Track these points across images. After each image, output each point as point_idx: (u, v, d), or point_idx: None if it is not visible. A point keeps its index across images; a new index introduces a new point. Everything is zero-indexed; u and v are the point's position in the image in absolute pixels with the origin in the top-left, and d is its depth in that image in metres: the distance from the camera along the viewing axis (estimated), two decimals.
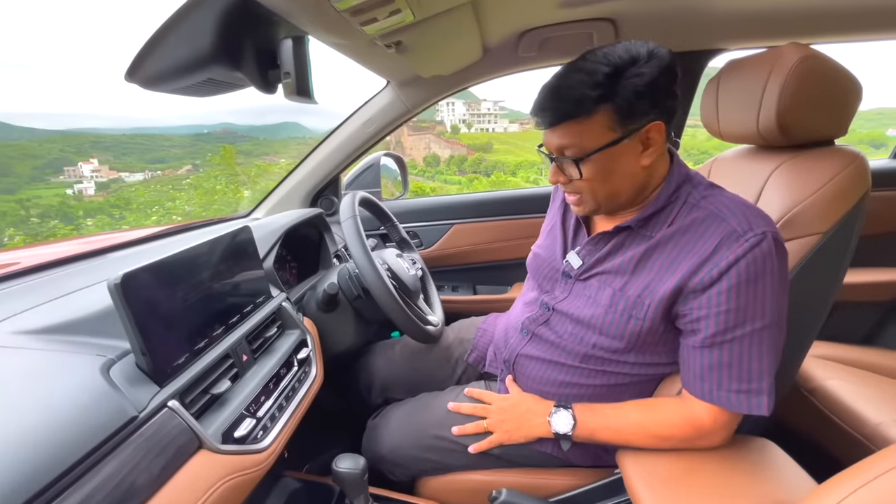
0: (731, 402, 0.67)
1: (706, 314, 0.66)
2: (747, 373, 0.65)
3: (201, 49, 0.55)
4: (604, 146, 0.65)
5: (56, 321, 0.61)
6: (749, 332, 0.65)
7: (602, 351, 0.76)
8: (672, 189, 0.72)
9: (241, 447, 0.62)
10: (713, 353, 0.67)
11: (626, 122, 0.64)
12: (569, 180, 0.71)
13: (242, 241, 0.79)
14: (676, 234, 0.70)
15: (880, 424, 0.95)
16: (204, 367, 0.64)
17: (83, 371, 0.53)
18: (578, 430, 0.76)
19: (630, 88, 0.62)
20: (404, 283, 1.03)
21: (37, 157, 18.34)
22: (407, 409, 0.95)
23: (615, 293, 0.74)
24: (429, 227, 1.58)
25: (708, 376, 0.68)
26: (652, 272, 0.71)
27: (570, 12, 1.12)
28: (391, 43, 0.85)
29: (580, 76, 0.64)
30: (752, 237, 0.63)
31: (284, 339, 0.86)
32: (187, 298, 0.64)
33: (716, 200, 0.69)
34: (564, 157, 0.68)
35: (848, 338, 1.36)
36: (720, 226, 0.66)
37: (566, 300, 0.81)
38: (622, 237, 0.75)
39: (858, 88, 0.81)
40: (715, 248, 0.65)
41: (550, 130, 0.68)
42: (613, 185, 0.70)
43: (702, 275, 0.65)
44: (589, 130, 0.65)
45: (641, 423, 0.73)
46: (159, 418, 0.53)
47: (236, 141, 23.72)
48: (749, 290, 0.64)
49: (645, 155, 0.68)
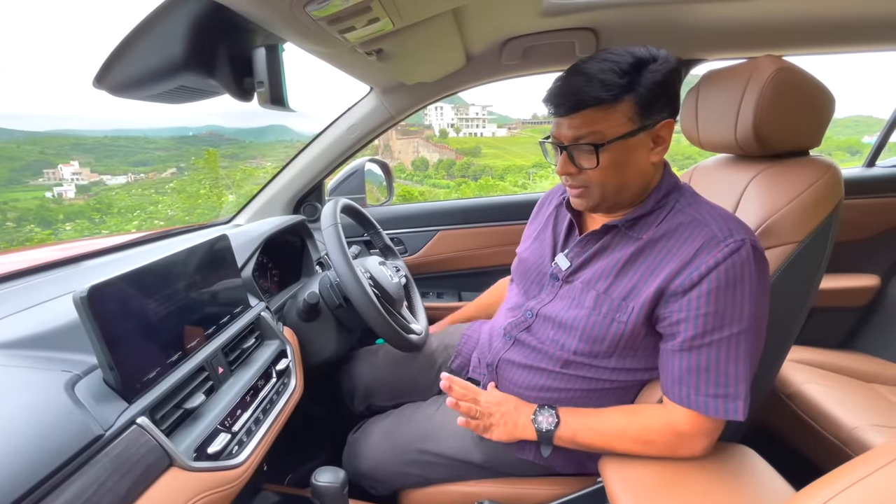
0: (708, 407, 0.67)
1: (685, 317, 0.67)
2: (724, 377, 0.66)
3: (173, 55, 0.54)
4: (623, 136, 0.66)
5: (20, 335, 0.59)
6: (727, 336, 0.65)
7: (582, 357, 0.77)
8: (662, 194, 0.73)
9: (214, 463, 0.60)
10: (691, 356, 0.67)
11: (644, 116, 0.66)
12: (579, 171, 0.70)
13: (220, 250, 0.78)
14: (662, 238, 0.71)
15: (855, 429, 0.97)
16: (177, 381, 0.62)
17: (46, 388, 0.51)
18: (561, 430, 0.75)
19: (651, 81, 0.65)
20: (387, 291, 1.02)
21: (15, 160, 17.88)
22: (388, 423, 0.93)
23: (599, 295, 0.74)
24: (413, 233, 1.57)
25: (686, 380, 0.68)
26: (637, 275, 0.71)
27: (552, 21, 1.13)
28: (372, 51, 0.85)
29: (606, 64, 0.65)
30: (731, 243, 0.65)
31: (263, 349, 0.84)
32: (160, 310, 0.62)
33: (700, 208, 0.72)
34: (581, 144, 0.68)
35: (825, 342, 1.39)
36: (702, 230, 0.68)
37: (551, 303, 0.81)
38: (609, 237, 0.76)
39: (831, 100, 0.83)
40: (696, 252, 0.67)
41: (569, 117, 0.67)
42: (624, 178, 0.70)
43: (682, 278, 0.67)
44: (611, 118, 0.65)
45: (623, 426, 0.73)
46: (127, 436, 0.52)
47: (222, 144, 23.46)
48: (727, 295, 0.65)
49: (655, 152, 0.70)
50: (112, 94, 0.57)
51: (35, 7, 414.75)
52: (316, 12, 0.58)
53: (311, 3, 0.58)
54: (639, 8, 1.07)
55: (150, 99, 0.60)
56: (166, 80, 0.56)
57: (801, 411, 1.09)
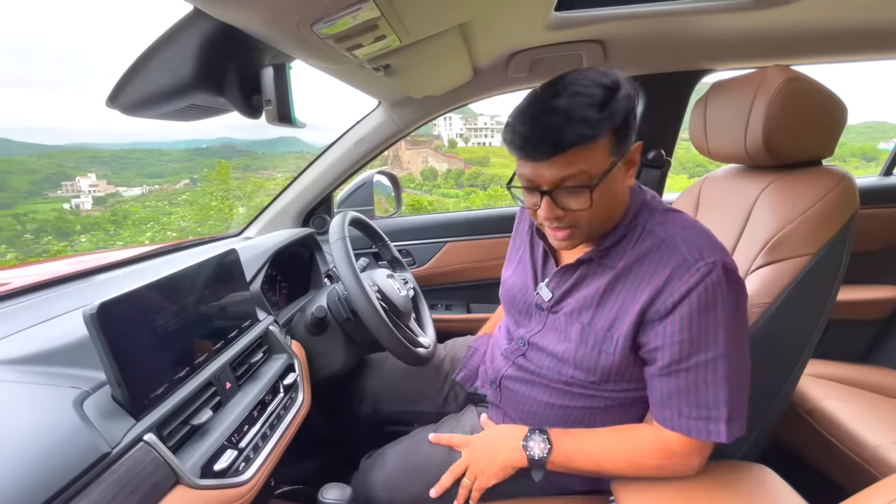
0: (690, 429, 0.67)
1: (662, 344, 0.66)
2: (704, 400, 0.65)
3: (184, 75, 0.55)
4: (608, 170, 0.62)
5: (30, 351, 0.59)
6: (703, 361, 0.64)
7: (579, 381, 0.76)
8: (630, 217, 0.71)
9: (221, 481, 0.60)
10: (671, 380, 0.67)
11: (620, 146, 0.63)
12: (564, 213, 0.65)
13: (229, 264, 0.78)
14: (635, 264, 0.69)
15: (879, 447, 0.93)
16: (184, 397, 0.62)
17: (55, 405, 0.51)
18: (554, 455, 0.73)
19: (623, 110, 0.61)
20: (395, 304, 1.02)
21: (35, 172, 18.45)
22: (402, 448, 0.91)
23: (584, 328, 0.73)
24: (421, 245, 1.57)
25: (668, 403, 0.68)
26: (616, 304, 0.70)
27: (559, 34, 1.13)
28: (379, 66, 0.85)
29: (580, 99, 0.59)
30: (702, 266, 0.63)
31: (271, 364, 0.84)
32: (168, 326, 0.63)
33: (670, 227, 0.69)
34: (568, 188, 0.62)
35: (844, 356, 1.36)
36: (673, 254, 0.66)
37: (540, 333, 0.80)
38: (585, 269, 0.74)
39: (843, 109, 0.82)
40: (668, 278, 0.65)
41: (549, 161, 0.61)
42: (611, 210, 0.68)
43: (657, 305, 0.66)
44: (594, 155, 0.61)
45: (616, 447, 0.72)
46: (134, 454, 0.52)
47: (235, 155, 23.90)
48: (701, 320, 0.63)
49: (629, 175, 0.68)
50: (124, 113, 0.58)
51: (53, 23, 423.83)
52: (324, 31, 0.59)
53: (318, 22, 0.59)
54: (647, 20, 1.07)
55: (162, 117, 0.62)
56: (177, 99, 0.57)
57: (821, 428, 1.06)
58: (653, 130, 1.43)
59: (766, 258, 0.81)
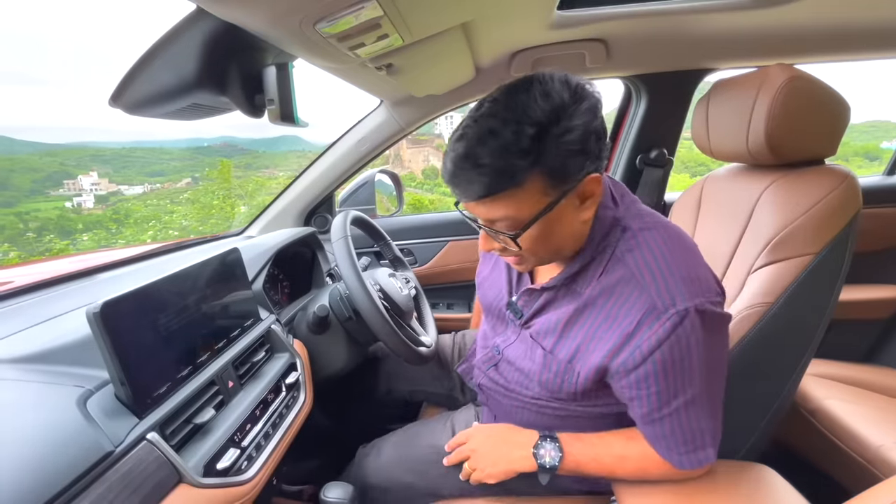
0: (682, 463, 0.67)
1: (636, 395, 0.63)
2: (691, 436, 0.65)
3: (186, 75, 0.55)
4: (540, 213, 0.57)
5: (34, 350, 0.59)
6: (682, 403, 0.63)
7: (546, 398, 0.75)
8: (597, 241, 0.65)
9: (223, 479, 0.60)
10: (654, 427, 0.66)
11: (560, 184, 0.56)
12: (503, 248, 0.64)
13: (231, 264, 0.78)
14: (602, 296, 0.64)
15: (881, 447, 0.93)
16: (187, 396, 0.62)
17: (59, 403, 0.51)
18: (565, 463, 0.72)
19: (563, 148, 0.53)
20: (396, 303, 1.02)
21: (37, 171, 18.45)
22: (399, 438, 0.93)
23: (546, 355, 0.70)
24: (423, 244, 1.57)
25: (656, 443, 0.68)
26: (579, 337, 0.66)
27: (561, 33, 1.13)
28: (382, 65, 0.85)
29: (501, 141, 0.53)
30: (673, 315, 0.58)
31: (273, 363, 0.84)
32: (171, 325, 0.63)
33: (640, 255, 0.62)
34: (496, 229, 0.60)
35: (847, 356, 1.35)
36: (640, 296, 0.60)
37: (513, 345, 0.78)
38: (551, 293, 0.71)
39: (846, 108, 0.82)
40: (637, 326, 0.60)
41: (475, 203, 0.58)
42: (554, 244, 0.63)
43: (624, 355, 0.61)
44: (521, 201, 0.56)
45: (626, 455, 0.72)
46: (137, 452, 0.52)
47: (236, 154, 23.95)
48: (674, 371, 0.60)
49: (584, 208, 0.60)
50: (127, 112, 0.58)
51: (55, 21, 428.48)
52: (326, 30, 0.59)
53: (321, 21, 0.59)
54: (649, 18, 1.07)
55: (164, 116, 0.62)
56: (180, 99, 0.57)
57: (823, 428, 1.06)
58: (655, 129, 1.43)
59: (768, 258, 0.81)
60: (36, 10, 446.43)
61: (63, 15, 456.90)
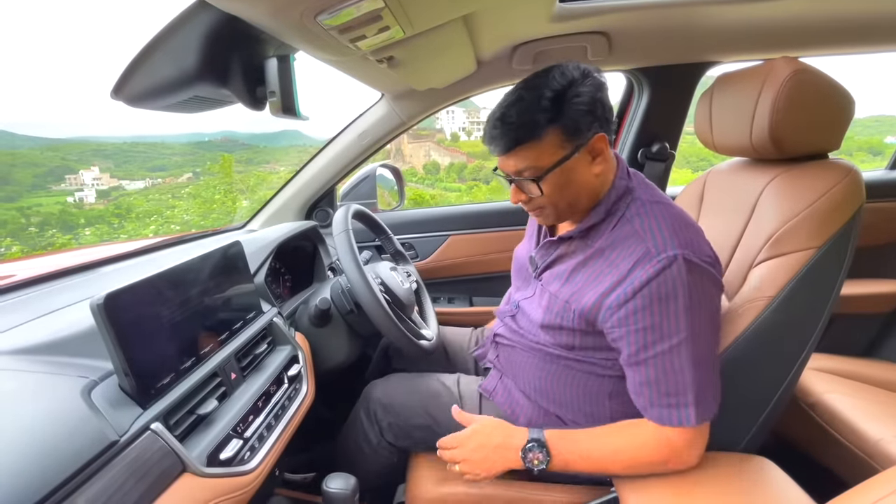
0: (662, 417, 0.70)
1: (623, 334, 0.70)
2: (673, 386, 0.68)
3: (187, 67, 0.55)
4: (557, 163, 0.71)
5: (38, 341, 0.60)
6: (667, 348, 0.67)
7: (550, 344, 0.82)
8: (612, 201, 0.76)
9: (226, 469, 0.60)
10: (639, 370, 0.70)
11: (573, 138, 0.70)
12: (529, 198, 0.76)
13: (233, 256, 0.79)
14: (608, 248, 0.74)
15: (881, 441, 0.94)
16: (190, 387, 0.62)
17: (63, 394, 0.52)
18: (554, 464, 0.74)
19: (574, 108, 0.68)
20: (398, 296, 1.03)
21: (38, 165, 18.45)
22: (410, 376, 1.00)
23: (550, 297, 0.80)
24: (424, 238, 1.57)
25: (640, 392, 0.71)
26: (581, 281, 0.76)
27: (563, 26, 1.13)
28: (383, 58, 0.85)
29: (526, 103, 0.69)
30: (663, 259, 0.67)
31: (275, 355, 0.85)
32: (174, 316, 0.63)
33: (646, 218, 0.72)
34: (523, 177, 0.73)
35: (848, 350, 1.35)
36: (639, 246, 0.70)
37: (529, 299, 0.88)
38: (566, 246, 0.82)
39: (850, 102, 0.81)
40: (631, 267, 0.69)
41: (505, 156, 0.73)
42: (571, 195, 0.75)
43: (617, 293, 0.70)
44: (542, 151, 0.70)
45: (617, 447, 0.73)
46: (141, 442, 0.52)
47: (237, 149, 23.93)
48: (661, 309, 0.67)
49: (595, 164, 0.74)
50: (129, 104, 0.58)
51: (55, 17, 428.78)
52: (327, 21, 0.59)
53: (322, 13, 0.59)
54: (651, 11, 1.06)
55: (166, 109, 0.62)
56: (181, 91, 0.57)
57: (823, 422, 1.06)
58: (657, 123, 1.42)
59: (770, 252, 0.81)
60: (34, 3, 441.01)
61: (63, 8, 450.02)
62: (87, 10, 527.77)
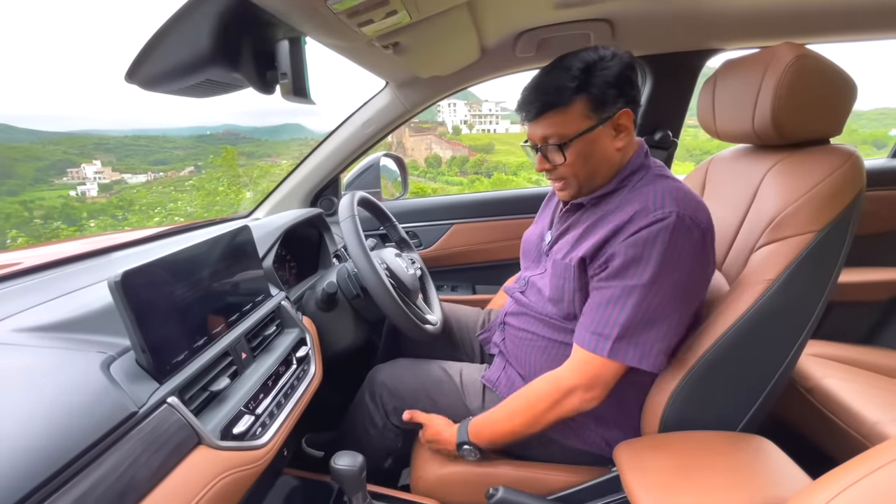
0: (584, 340, 0.76)
1: (601, 263, 0.76)
2: (606, 318, 0.74)
3: (200, 50, 0.56)
4: (582, 132, 0.75)
5: (57, 319, 0.62)
6: (624, 285, 0.73)
7: (554, 315, 0.86)
8: (626, 174, 0.81)
9: (239, 443, 0.62)
10: (595, 295, 0.77)
11: (599, 111, 0.75)
12: (553, 167, 0.80)
13: (242, 241, 0.80)
14: (614, 212, 0.78)
15: (878, 423, 0.95)
16: (203, 365, 0.64)
17: (84, 367, 0.54)
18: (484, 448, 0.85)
19: (601, 80, 0.73)
20: (403, 282, 1.04)
21: (40, 159, 18.45)
22: (412, 360, 1.04)
23: (556, 263, 0.85)
24: (428, 227, 1.59)
25: (584, 321, 0.77)
26: (585, 243, 0.80)
27: (567, 13, 1.13)
28: (389, 44, 0.86)
29: (558, 72, 0.75)
30: (659, 213, 0.72)
31: (283, 337, 0.86)
32: (187, 297, 0.65)
33: (652, 186, 0.77)
34: (548, 144, 0.78)
35: (847, 337, 1.36)
36: (640, 203, 0.75)
37: (540, 275, 0.92)
38: (579, 214, 0.86)
39: (853, 88, 0.82)
40: (628, 220, 0.74)
41: (535, 122, 0.78)
42: (592, 166, 0.79)
43: (611, 238, 0.75)
44: (568, 119, 0.75)
45: (516, 407, 0.81)
46: (159, 414, 0.54)
47: (238, 142, 23.74)
48: (636, 252, 0.71)
49: (618, 139, 0.78)
50: (143, 88, 0.60)
51: (55, 8, 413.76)
52: (336, 6, 0.60)
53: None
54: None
55: (178, 93, 0.63)
56: (194, 74, 0.58)
57: (820, 405, 1.08)
58: (660, 111, 1.42)
59: (770, 236, 0.82)
60: None
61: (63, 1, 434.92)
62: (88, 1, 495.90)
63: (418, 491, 0.91)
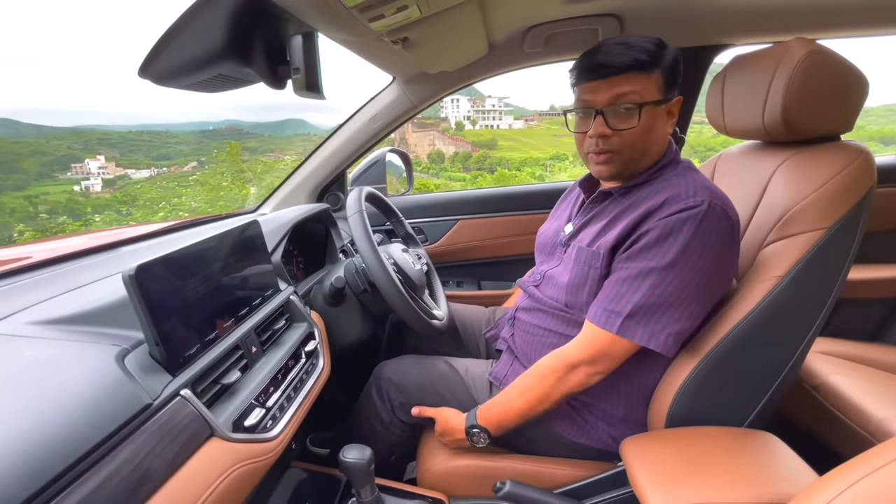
0: (595, 316, 0.76)
1: (627, 244, 0.76)
2: (620, 296, 0.74)
3: (213, 45, 0.56)
4: (656, 101, 0.75)
5: (71, 312, 0.62)
6: (643, 267, 0.72)
7: (570, 306, 0.86)
8: (659, 167, 0.81)
9: (251, 436, 0.63)
10: (614, 274, 0.76)
11: (667, 90, 0.75)
12: (613, 133, 0.76)
13: (251, 236, 0.81)
14: (642, 202, 0.78)
15: (884, 420, 0.95)
16: (214, 358, 0.65)
17: (99, 360, 0.54)
18: (494, 433, 0.84)
19: (672, 59, 0.75)
20: (410, 277, 1.04)
21: (45, 154, 18.49)
22: (418, 357, 1.04)
23: (580, 250, 0.84)
24: (434, 222, 1.59)
25: (598, 298, 0.78)
26: (611, 231, 0.80)
27: (575, 8, 1.12)
28: (398, 39, 0.86)
29: (638, 38, 0.74)
30: (691, 201, 0.72)
31: (292, 331, 0.87)
32: (198, 291, 0.65)
33: (682, 178, 0.77)
34: (621, 105, 0.74)
35: (854, 335, 1.36)
36: (672, 190, 0.75)
37: (556, 268, 0.92)
38: (605, 204, 0.85)
39: (865, 84, 0.81)
40: (661, 204, 0.74)
41: (611, 79, 0.73)
42: (648, 142, 0.78)
43: (641, 222, 0.75)
44: (648, 83, 0.74)
45: (525, 385, 0.81)
46: (172, 406, 0.55)
47: (242, 138, 23.72)
48: (662, 235, 0.72)
49: (668, 124, 0.79)
50: (156, 83, 0.60)
51: (61, 3, 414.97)
52: (349, 1, 0.60)
53: None
54: None
55: (191, 88, 0.63)
56: (206, 69, 0.58)
57: (827, 402, 1.08)
58: None
59: (779, 233, 0.82)
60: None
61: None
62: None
63: (425, 484, 0.91)
